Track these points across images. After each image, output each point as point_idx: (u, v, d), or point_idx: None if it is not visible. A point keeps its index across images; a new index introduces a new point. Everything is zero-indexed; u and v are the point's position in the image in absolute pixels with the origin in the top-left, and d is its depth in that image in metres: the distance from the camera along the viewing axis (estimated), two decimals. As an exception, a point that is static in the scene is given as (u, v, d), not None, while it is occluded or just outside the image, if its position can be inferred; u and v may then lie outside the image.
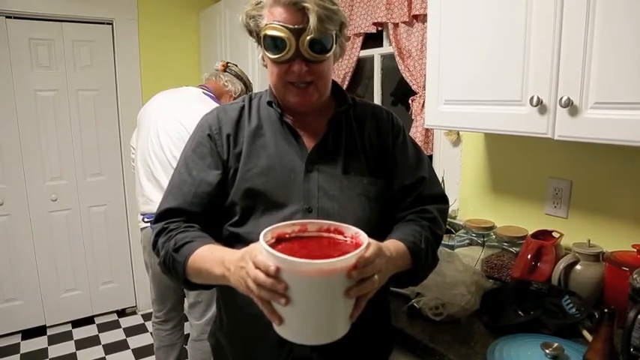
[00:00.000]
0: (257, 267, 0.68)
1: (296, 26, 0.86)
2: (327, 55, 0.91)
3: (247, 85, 2.20)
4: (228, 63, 2.17)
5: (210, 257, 0.84)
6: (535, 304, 1.28)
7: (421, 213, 1.02)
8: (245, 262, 0.72)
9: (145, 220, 1.99)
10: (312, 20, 0.85)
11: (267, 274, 0.67)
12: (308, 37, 0.87)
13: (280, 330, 0.73)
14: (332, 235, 0.79)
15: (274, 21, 0.88)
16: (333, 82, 1.05)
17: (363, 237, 0.73)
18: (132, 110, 3.04)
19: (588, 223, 1.49)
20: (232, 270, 0.76)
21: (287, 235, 0.78)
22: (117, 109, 3.18)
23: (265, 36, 0.90)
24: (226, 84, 2.13)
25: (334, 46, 0.92)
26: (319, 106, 1.02)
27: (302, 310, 0.69)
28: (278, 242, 0.76)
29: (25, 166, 2.95)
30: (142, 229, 2.06)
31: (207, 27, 3.23)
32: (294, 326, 0.71)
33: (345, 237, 0.78)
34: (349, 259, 0.67)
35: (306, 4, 0.85)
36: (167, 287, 2.10)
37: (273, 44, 0.89)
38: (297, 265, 0.65)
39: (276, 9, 0.88)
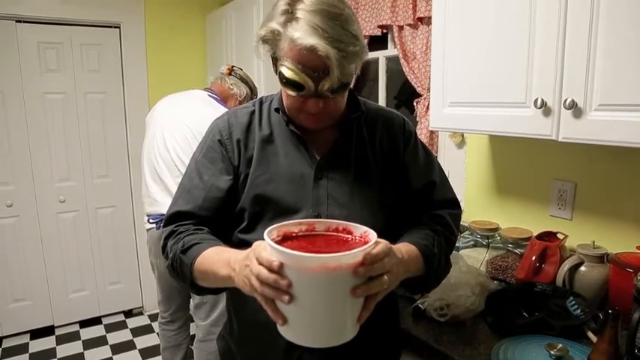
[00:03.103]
0: (260, 263, 0.67)
1: (316, 74, 0.82)
2: (346, 89, 0.89)
3: (252, 89, 2.22)
4: (233, 67, 2.19)
5: (216, 259, 0.83)
6: (540, 306, 1.28)
7: (433, 218, 1.00)
8: (249, 259, 0.70)
9: (151, 220, 2.02)
10: (333, 72, 0.80)
11: (270, 269, 0.65)
12: (328, 85, 0.83)
13: (284, 331, 0.70)
14: (340, 234, 0.76)
15: (293, 62, 0.82)
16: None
17: (372, 235, 0.71)
18: (139, 112, 3.09)
19: (593, 224, 1.49)
20: (237, 270, 0.75)
21: (294, 234, 0.76)
22: (124, 111, 3.21)
23: (282, 74, 0.85)
24: (231, 87, 2.15)
25: (353, 77, 0.89)
26: None
27: (306, 309, 0.66)
28: (284, 240, 0.73)
29: (34, 168, 2.99)
30: (147, 229, 2.08)
31: (213, 30, 3.26)
32: (298, 327, 0.69)
33: (354, 236, 0.75)
34: (355, 254, 0.64)
35: (326, 57, 0.78)
36: (173, 288, 2.11)
37: (289, 84, 0.85)
38: (301, 260, 0.63)
39: (293, 47, 0.81)
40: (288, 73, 0.84)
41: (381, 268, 0.68)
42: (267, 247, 0.67)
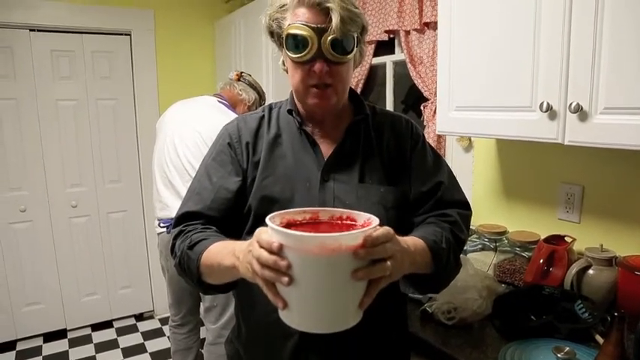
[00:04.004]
0: (261, 246, 0.67)
1: (319, 25, 0.88)
2: (348, 56, 0.92)
3: (260, 94, 2.25)
4: (242, 73, 2.22)
5: (222, 250, 0.84)
6: (547, 309, 1.28)
7: (441, 216, 1.00)
8: (252, 245, 0.71)
9: (162, 225, 2.05)
10: (335, 20, 0.86)
11: (270, 251, 0.66)
12: (330, 37, 0.87)
13: (284, 315, 0.70)
14: (345, 222, 0.77)
15: (297, 21, 0.89)
16: (352, 90, 1.05)
17: (375, 221, 0.71)
18: (149, 118, 3.13)
19: (601, 227, 1.49)
20: (241, 258, 0.75)
21: (297, 222, 0.76)
22: (135, 117, 3.26)
23: (288, 35, 0.90)
24: (240, 93, 2.18)
25: (355, 49, 0.93)
26: (337, 114, 1.02)
27: (306, 292, 0.66)
28: (287, 227, 0.72)
29: (47, 174, 3.04)
30: (158, 234, 2.11)
31: (222, 37, 3.30)
32: (298, 310, 0.68)
33: (358, 223, 0.75)
34: (356, 236, 0.64)
35: (329, 4, 0.87)
36: (183, 291, 2.14)
37: (294, 43, 0.90)
38: (300, 240, 0.63)
39: (299, 10, 0.90)
40: (293, 30, 0.89)
41: (382, 251, 0.68)
42: (267, 230, 0.67)
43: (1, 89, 2.85)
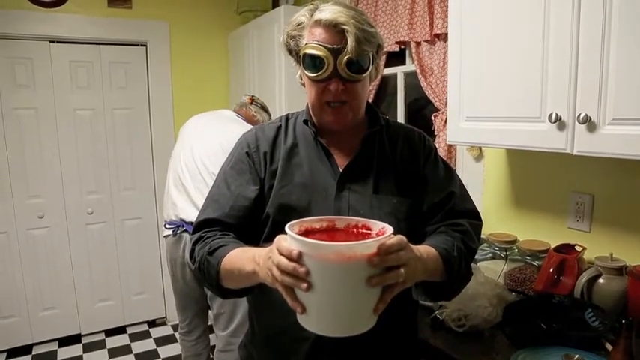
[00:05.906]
0: (281, 253, 0.71)
1: (335, 46, 0.91)
2: (364, 75, 0.95)
3: (269, 115, 2.40)
4: (252, 96, 2.36)
5: (242, 256, 0.87)
6: (558, 317, 1.29)
7: (453, 226, 1.01)
8: (272, 251, 0.74)
9: (167, 226, 2.10)
10: (350, 42, 0.89)
11: (289, 258, 0.69)
12: (346, 58, 0.90)
13: (302, 319, 0.73)
14: (360, 230, 0.80)
15: (314, 41, 0.93)
16: (368, 102, 1.08)
17: (389, 230, 0.74)
18: (164, 127, 3.20)
19: (611, 236, 1.49)
20: (261, 263, 0.78)
21: (315, 229, 0.79)
22: (149, 126, 3.32)
23: (305, 55, 0.94)
24: (255, 115, 2.31)
25: (371, 67, 0.96)
26: (353, 126, 1.05)
27: (323, 297, 0.69)
28: (306, 234, 0.76)
29: (64, 181, 3.11)
30: (165, 236, 2.15)
31: (235, 47, 3.36)
32: (315, 315, 0.71)
33: (373, 231, 0.79)
34: (370, 244, 0.67)
35: (345, 27, 0.89)
36: (188, 297, 2.17)
37: (311, 63, 0.93)
38: (318, 248, 0.67)
39: (316, 29, 0.93)
40: (309, 50, 0.93)
41: (396, 259, 0.71)
42: (287, 238, 0.71)
43: (22, 99, 2.93)
